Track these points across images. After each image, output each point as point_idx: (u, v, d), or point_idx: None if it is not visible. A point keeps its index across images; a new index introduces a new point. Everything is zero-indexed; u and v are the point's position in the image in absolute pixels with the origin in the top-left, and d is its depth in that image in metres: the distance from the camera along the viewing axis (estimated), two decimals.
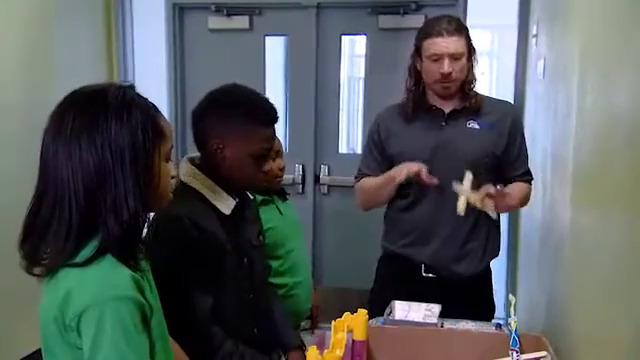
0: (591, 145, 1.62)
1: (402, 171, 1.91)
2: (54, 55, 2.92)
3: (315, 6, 3.30)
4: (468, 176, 1.84)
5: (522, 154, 2.03)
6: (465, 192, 1.82)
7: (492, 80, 3.87)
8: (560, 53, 2.15)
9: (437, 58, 1.90)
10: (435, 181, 1.87)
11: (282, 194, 2.17)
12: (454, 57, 1.89)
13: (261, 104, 1.61)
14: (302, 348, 1.77)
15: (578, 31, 1.85)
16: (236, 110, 1.57)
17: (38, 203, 1.11)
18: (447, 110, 1.99)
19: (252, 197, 1.78)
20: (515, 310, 1.61)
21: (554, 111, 2.18)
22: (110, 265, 1.07)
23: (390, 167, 2.06)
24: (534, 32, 2.74)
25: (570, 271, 1.82)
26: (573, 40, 1.91)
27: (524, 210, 2.43)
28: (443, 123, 1.98)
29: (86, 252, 1.07)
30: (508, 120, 1.99)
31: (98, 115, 1.08)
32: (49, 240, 1.09)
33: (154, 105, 1.17)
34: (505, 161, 2.00)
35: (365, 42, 3.36)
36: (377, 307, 1.84)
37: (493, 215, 1.90)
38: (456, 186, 1.84)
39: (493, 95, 2.56)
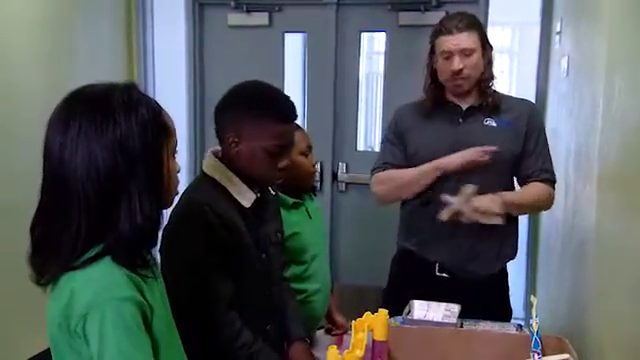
0: (618, 144, 1.58)
1: (456, 160, 1.87)
2: (75, 51, 2.94)
3: (335, 3, 3.28)
4: (465, 190, 1.82)
5: (538, 152, 1.95)
6: (455, 205, 1.82)
7: (513, 78, 3.83)
8: (586, 50, 2.11)
9: (448, 56, 1.90)
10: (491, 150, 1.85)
11: (313, 191, 2.15)
12: (465, 53, 1.88)
13: (278, 100, 1.60)
14: (305, 340, 1.78)
15: (606, 28, 1.81)
16: (251, 104, 1.57)
17: (47, 216, 1.08)
18: (464, 107, 1.97)
19: (273, 193, 1.77)
20: (536, 311, 1.58)
21: (578, 109, 2.14)
22: (107, 267, 1.05)
23: (407, 164, 2.04)
24: (558, 29, 2.70)
25: (595, 272, 1.79)
26: (601, 37, 1.87)
27: None
28: (460, 120, 1.96)
29: (87, 255, 1.06)
30: (525, 118, 1.95)
31: (106, 119, 1.05)
32: (60, 251, 1.06)
33: (156, 102, 1.15)
34: (520, 159, 1.95)
35: (385, 39, 3.34)
36: (391, 305, 1.81)
37: (498, 221, 1.83)
38: (446, 198, 1.84)
39: (514, 92, 2.52)
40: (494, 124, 1.94)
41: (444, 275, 1.99)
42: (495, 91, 1.97)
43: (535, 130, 1.96)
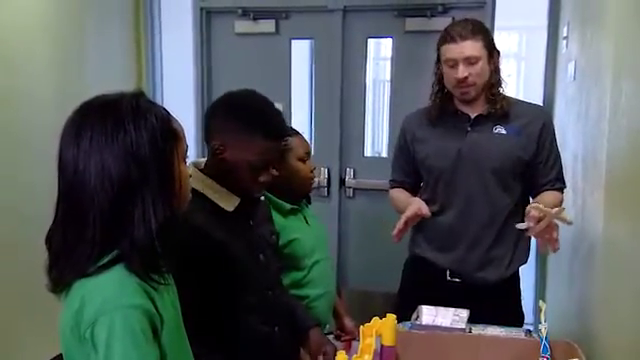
0: (626, 149, 1.58)
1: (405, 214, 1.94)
2: (84, 57, 2.96)
3: (341, 9, 3.29)
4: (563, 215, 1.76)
5: (552, 160, 1.96)
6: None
7: (520, 82, 3.83)
8: (592, 55, 2.11)
9: (453, 64, 1.89)
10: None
11: (307, 199, 2.14)
12: (469, 61, 1.87)
13: (269, 117, 1.58)
14: (318, 325, 1.80)
15: (613, 33, 1.82)
16: (241, 117, 1.56)
17: (63, 227, 1.10)
18: (473, 115, 1.96)
19: (262, 197, 1.75)
20: (545, 316, 1.58)
21: (585, 114, 2.14)
22: (118, 274, 1.06)
23: (418, 172, 2.05)
24: (564, 34, 2.70)
25: (603, 277, 1.79)
26: (607, 42, 1.87)
27: None
28: (468, 128, 1.96)
29: (100, 263, 1.07)
30: (538, 124, 1.94)
31: (116, 128, 1.07)
32: (75, 259, 1.08)
33: (164, 108, 1.17)
34: (534, 167, 1.95)
35: (391, 45, 3.34)
36: (403, 310, 1.82)
37: (521, 226, 1.81)
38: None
39: (521, 97, 2.52)
40: (503, 131, 1.94)
41: (455, 280, 1.99)
42: (505, 97, 1.96)
43: (548, 139, 1.96)
